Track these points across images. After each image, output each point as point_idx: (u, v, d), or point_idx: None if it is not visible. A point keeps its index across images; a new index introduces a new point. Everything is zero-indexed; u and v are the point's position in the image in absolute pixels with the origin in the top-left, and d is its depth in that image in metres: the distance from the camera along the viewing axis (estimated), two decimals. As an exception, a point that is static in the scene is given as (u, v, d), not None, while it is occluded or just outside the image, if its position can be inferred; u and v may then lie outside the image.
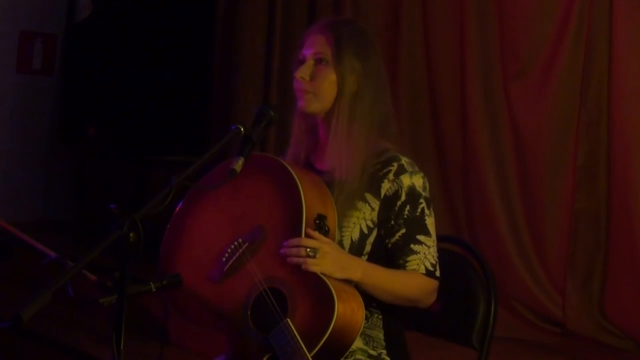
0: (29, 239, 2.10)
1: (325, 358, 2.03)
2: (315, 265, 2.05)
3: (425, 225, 2.19)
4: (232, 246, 2.17)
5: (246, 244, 2.16)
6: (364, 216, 2.20)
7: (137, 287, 1.89)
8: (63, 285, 1.67)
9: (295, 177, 2.14)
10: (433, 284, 2.18)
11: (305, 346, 2.00)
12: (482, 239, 4.67)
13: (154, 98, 5.74)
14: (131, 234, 1.74)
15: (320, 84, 2.23)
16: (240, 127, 2.08)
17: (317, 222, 2.12)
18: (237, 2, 5.48)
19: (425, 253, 2.17)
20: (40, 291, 1.63)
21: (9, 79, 6.20)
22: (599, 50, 4.37)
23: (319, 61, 2.24)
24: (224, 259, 2.17)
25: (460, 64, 4.76)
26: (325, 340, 2.00)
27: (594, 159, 4.42)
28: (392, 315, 2.25)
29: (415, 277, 2.17)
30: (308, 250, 2.06)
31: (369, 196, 2.20)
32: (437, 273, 2.19)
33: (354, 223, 2.20)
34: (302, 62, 2.26)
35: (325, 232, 2.12)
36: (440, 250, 2.25)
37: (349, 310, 2.04)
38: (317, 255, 2.06)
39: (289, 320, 2.03)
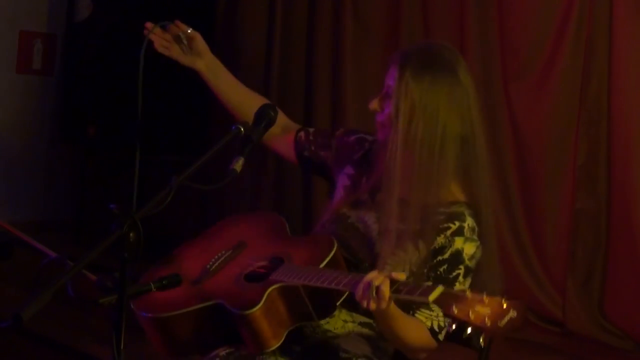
0: (29, 239, 2.10)
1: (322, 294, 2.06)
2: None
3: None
4: (215, 257, 2.25)
5: (229, 252, 2.24)
6: (410, 260, 2.12)
7: (137, 287, 1.89)
8: (63, 285, 1.67)
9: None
10: (433, 343, 2.11)
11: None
12: (482, 239, 4.66)
13: (154, 98, 5.73)
14: (131, 234, 1.74)
15: (386, 116, 2.17)
16: (240, 127, 2.07)
17: None
18: (237, 2, 5.48)
19: (439, 314, 2.09)
20: (40, 291, 1.63)
21: (9, 79, 6.19)
22: (599, 50, 4.37)
23: (387, 94, 2.17)
24: (207, 266, 2.23)
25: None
26: (331, 258, 2.07)
27: (594, 159, 4.42)
28: None
29: (423, 330, 2.09)
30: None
31: (421, 244, 2.12)
32: (441, 337, 2.11)
33: (397, 263, 2.11)
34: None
35: None
36: None
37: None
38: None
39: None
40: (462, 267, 2.10)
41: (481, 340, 1.88)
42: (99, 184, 6.05)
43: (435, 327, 2.10)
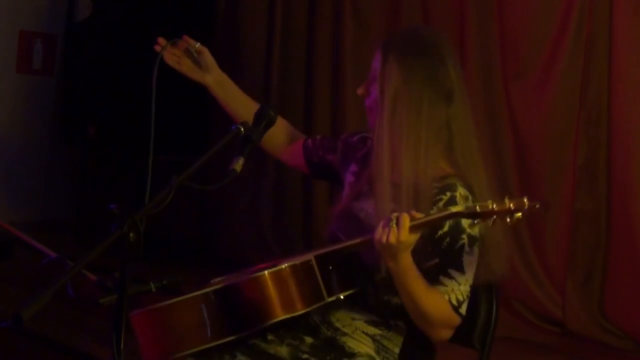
0: (29, 239, 2.10)
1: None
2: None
3: (461, 261, 2.09)
4: (219, 278, 2.25)
5: (223, 277, 2.25)
6: None
7: (137, 287, 1.89)
8: (63, 285, 1.67)
9: None
10: (455, 318, 2.10)
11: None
12: (482, 239, 4.66)
13: (155, 98, 5.73)
14: (131, 234, 1.74)
15: (372, 101, 2.19)
16: (240, 127, 2.07)
17: None
18: (237, 2, 5.48)
19: (454, 288, 2.08)
20: (40, 291, 1.63)
21: (9, 79, 6.19)
22: (599, 50, 4.37)
23: (373, 78, 2.20)
24: (211, 282, 2.23)
25: (460, 64, 4.75)
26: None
27: (594, 159, 4.42)
28: (416, 337, 2.20)
29: (444, 302, 2.08)
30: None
31: None
32: (462, 310, 2.09)
33: None
34: None
35: None
36: None
37: None
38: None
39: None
40: (464, 236, 2.09)
41: (508, 220, 1.93)
42: (99, 184, 6.05)
43: (454, 302, 2.08)
